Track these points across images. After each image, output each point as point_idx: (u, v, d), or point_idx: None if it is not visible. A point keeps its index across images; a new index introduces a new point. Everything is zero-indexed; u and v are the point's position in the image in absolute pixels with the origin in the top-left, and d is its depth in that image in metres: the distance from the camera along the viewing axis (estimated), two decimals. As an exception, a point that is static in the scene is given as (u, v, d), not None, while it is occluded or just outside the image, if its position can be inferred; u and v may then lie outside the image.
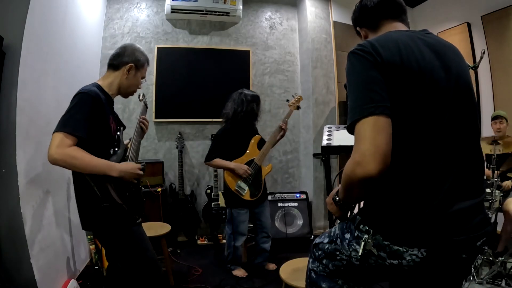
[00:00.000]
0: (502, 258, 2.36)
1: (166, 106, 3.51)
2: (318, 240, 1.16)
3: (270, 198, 3.32)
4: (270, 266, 2.73)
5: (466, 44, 3.61)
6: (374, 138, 0.77)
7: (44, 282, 1.81)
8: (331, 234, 1.10)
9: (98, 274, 2.46)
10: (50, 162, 1.25)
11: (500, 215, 2.70)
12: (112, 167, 1.35)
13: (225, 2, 3.49)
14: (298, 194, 3.57)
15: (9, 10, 1.70)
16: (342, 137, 3.05)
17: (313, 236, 3.39)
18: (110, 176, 1.34)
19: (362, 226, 0.93)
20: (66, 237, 2.28)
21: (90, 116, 1.34)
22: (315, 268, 1.13)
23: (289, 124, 3.88)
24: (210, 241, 3.50)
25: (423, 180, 0.84)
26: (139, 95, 1.80)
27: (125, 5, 3.53)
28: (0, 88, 1.65)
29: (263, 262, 2.72)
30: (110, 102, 1.54)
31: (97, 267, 2.51)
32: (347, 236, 0.99)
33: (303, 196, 3.56)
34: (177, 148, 3.42)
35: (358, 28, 1.14)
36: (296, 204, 3.48)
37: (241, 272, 2.63)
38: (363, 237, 0.89)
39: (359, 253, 0.89)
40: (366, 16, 1.08)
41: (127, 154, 1.51)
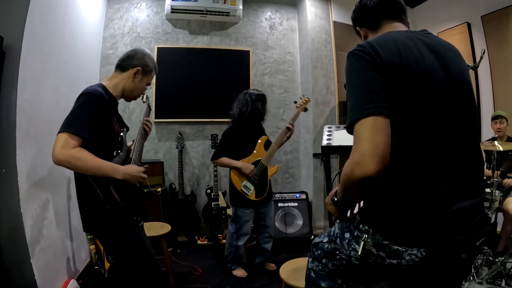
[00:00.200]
0: (502, 258, 2.36)
1: (166, 106, 3.51)
2: (317, 239, 1.16)
3: (270, 198, 3.32)
4: (270, 266, 2.73)
5: (466, 44, 3.61)
6: (373, 138, 0.77)
7: (44, 282, 1.81)
8: (331, 234, 1.10)
9: (98, 274, 2.46)
10: (54, 162, 1.24)
11: (500, 215, 2.70)
12: (116, 170, 1.33)
13: (225, 2, 3.49)
14: (298, 194, 3.57)
15: (9, 10, 1.70)
16: (342, 137, 3.05)
17: (313, 236, 3.39)
18: (113, 178, 1.32)
19: (361, 225, 0.93)
20: (66, 237, 2.29)
21: (95, 116, 1.32)
22: (315, 267, 1.13)
23: (289, 124, 3.91)
24: (210, 241, 3.50)
25: (422, 180, 0.85)
26: (143, 97, 1.79)
27: (125, 5, 3.53)
28: (0, 88, 1.65)
29: (263, 262, 2.72)
30: (114, 104, 1.54)
31: (97, 267, 2.51)
32: (347, 235, 0.99)
33: (303, 196, 3.57)
34: (177, 148, 3.43)
35: (358, 27, 1.14)
36: (296, 204, 3.48)
37: (241, 272, 2.63)
38: (363, 236, 0.90)
39: (359, 252, 0.89)
40: (366, 16, 1.08)
41: (130, 156, 1.50)
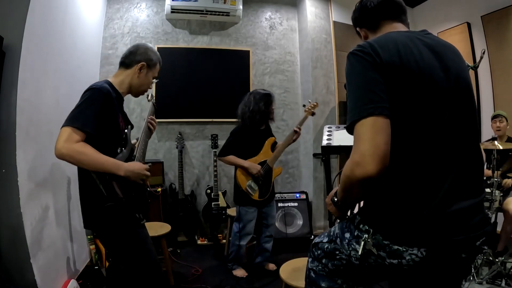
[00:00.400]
0: (502, 258, 2.36)
1: (166, 106, 3.51)
2: (317, 239, 1.16)
3: (270, 198, 3.32)
4: (270, 266, 2.72)
5: (466, 44, 3.61)
6: (373, 138, 0.77)
7: (44, 282, 1.81)
8: (331, 234, 1.10)
9: (98, 274, 2.46)
10: (57, 156, 1.23)
11: (500, 215, 2.70)
12: (119, 166, 1.33)
13: (225, 2, 3.49)
14: (298, 194, 3.57)
15: (9, 10, 1.70)
16: (342, 137, 3.05)
17: (313, 236, 3.39)
18: (116, 175, 1.32)
19: (362, 225, 0.93)
20: (66, 237, 2.28)
21: (100, 112, 1.32)
22: (315, 267, 1.13)
23: (289, 124, 3.92)
24: (210, 241, 3.50)
25: (423, 180, 0.85)
26: (148, 95, 1.78)
27: (125, 5, 3.53)
28: (0, 88, 1.65)
29: (263, 262, 2.72)
30: (120, 100, 1.53)
31: (97, 267, 2.51)
32: (347, 235, 0.99)
33: (303, 196, 3.57)
34: (177, 148, 3.43)
35: (358, 28, 1.14)
36: (296, 204, 3.49)
37: (241, 272, 2.63)
38: (363, 236, 0.89)
39: (359, 252, 0.89)
40: (366, 16, 1.08)
41: (134, 153, 1.49)
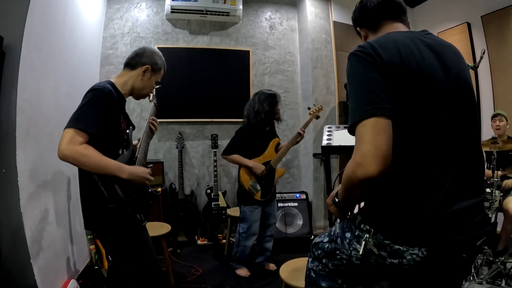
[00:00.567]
0: (502, 258, 2.36)
1: (166, 106, 3.51)
2: (317, 239, 1.16)
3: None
4: (270, 266, 2.72)
5: (466, 44, 3.61)
6: (375, 139, 0.77)
7: (44, 282, 1.81)
8: (331, 234, 1.10)
9: (98, 274, 2.46)
10: (60, 158, 1.22)
11: (500, 215, 2.70)
12: (122, 169, 1.31)
13: (225, 2, 3.49)
14: (298, 194, 3.57)
15: (9, 10, 1.70)
16: (342, 137, 3.05)
17: (313, 236, 3.38)
18: (118, 177, 1.31)
19: (362, 225, 0.93)
20: (66, 237, 2.28)
21: (103, 113, 1.31)
22: (315, 267, 1.13)
23: (289, 124, 3.92)
24: (210, 241, 3.50)
25: (424, 180, 0.85)
26: (149, 96, 1.78)
27: (125, 5, 3.53)
28: (0, 88, 1.65)
29: (264, 262, 2.72)
30: (122, 101, 1.52)
31: (97, 267, 2.51)
32: (348, 235, 0.99)
33: (303, 196, 3.57)
34: (177, 148, 3.43)
35: (358, 28, 1.14)
36: (296, 204, 3.49)
37: (244, 271, 2.63)
38: (364, 236, 0.89)
39: (360, 252, 0.89)
40: (366, 16, 1.08)
41: (136, 155, 1.48)
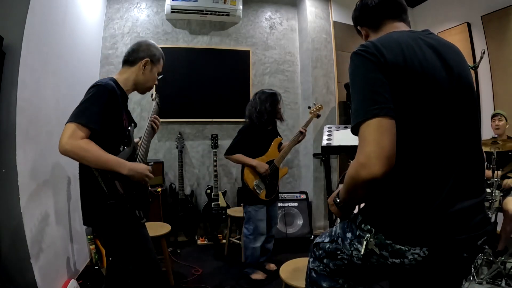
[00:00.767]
0: (502, 258, 2.36)
1: (166, 106, 3.48)
2: (318, 239, 1.16)
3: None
4: (270, 266, 2.72)
5: (466, 44, 3.61)
6: (379, 140, 0.77)
7: (44, 282, 1.81)
8: (332, 234, 1.10)
9: (98, 274, 2.45)
10: (60, 152, 1.23)
11: (500, 215, 2.70)
12: (122, 165, 1.32)
13: (225, 2, 3.49)
14: (298, 194, 3.57)
15: (9, 10, 1.70)
16: (342, 137, 3.05)
17: (313, 236, 3.39)
18: (119, 173, 1.32)
19: (363, 225, 0.93)
20: (66, 237, 2.28)
21: (105, 109, 1.31)
22: (316, 267, 1.13)
23: (289, 124, 3.92)
24: (210, 241, 3.50)
25: (426, 180, 0.85)
26: (152, 94, 1.79)
27: (125, 5, 3.53)
28: (0, 88, 1.65)
29: (264, 262, 2.72)
30: (125, 98, 1.53)
31: (97, 267, 2.50)
32: (349, 235, 0.99)
33: (303, 196, 3.57)
34: (177, 148, 3.43)
35: (358, 27, 1.14)
36: (296, 204, 3.49)
37: (259, 275, 2.54)
38: (365, 236, 0.89)
39: (361, 252, 0.89)
40: (367, 15, 1.08)
41: (137, 152, 1.49)
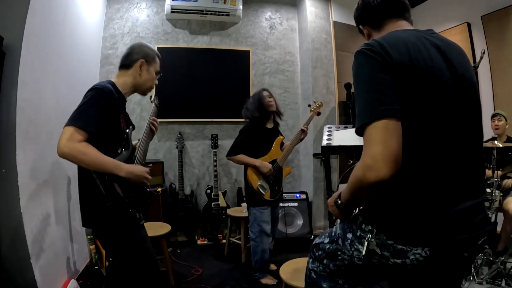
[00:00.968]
0: (502, 258, 2.36)
1: (166, 106, 3.50)
2: (318, 240, 1.16)
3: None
4: (270, 266, 2.71)
5: (466, 44, 3.61)
6: (386, 141, 0.76)
7: (44, 282, 1.81)
8: (332, 234, 1.10)
9: (98, 274, 2.46)
10: (59, 155, 1.24)
11: (500, 215, 2.70)
12: (120, 167, 1.33)
13: (225, 2, 3.49)
14: (298, 194, 3.57)
15: (9, 10, 1.70)
16: (342, 137, 3.04)
17: (313, 236, 3.39)
18: (117, 175, 1.32)
19: (364, 225, 0.92)
20: (66, 237, 2.28)
21: (103, 112, 1.32)
22: (315, 268, 1.13)
23: (289, 124, 3.92)
24: (210, 241, 3.50)
25: (429, 180, 0.84)
26: (151, 97, 1.80)
27: (125, 5, 3.53)
28: (0, 88, 1.65)
29: (264, 262, 2.71)
30: (123, 101, 1.53)
31: (97, 267, 2.51)
32: (349, 236, 0.99)
33: (303, 196, 3.57)
34: (177, 148, 3.43)
35: (361, 26, 1.12)
36: (296, 204, 3.48)
37: (270, 280, 2.49)
38: (367, 236, 0.89)
39: (363, 252, 0.89)
40: (369, 14, 1.07)
41: (135, 154, 1.50)
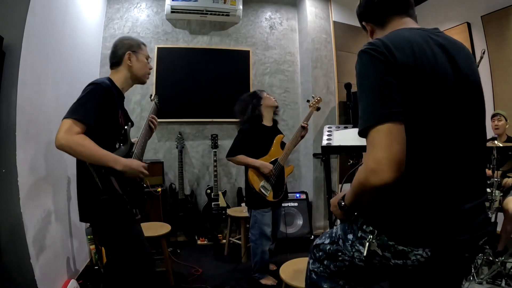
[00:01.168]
0: (502, 258, 2.36)
1: (166, 106, 3.49)
2: (318, 241, 1.16)
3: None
4: (270, 266, 2.71)
5: (466, 44, 3.61)
6: (390, 145, 0.75)
7: (44, 282, 1.81)
8: (333, 235, 1.10)
9: (98, 274, 2.45)
10: (56, 147, 1.25)
11: (500, 215, 2.70)
12: (116, 160, 1.35)
13: (225, 2, 3.49)
14: (298, 194, 3.57)
15: (9, 10, 1.70)
16: (342, 137, 3.03)
17: (313, 236, 3.39)
18: (113, 169, 1.34)
19: (365, 226, 0.92)
20: (66, 237, 2.28)
21: (100, 106, 1.35)
22: (316, 269, 1.13)
23: (289, 124, 3.92)
24: (210, 241, 3.50)
25: (431, 181, 0.84)
26: (151, 95, 1.84)
27: (125, 5, 3.53)
28: (0, 88, 1.65)
29: (264, 262, 2.71)
30: (121, 97, 1.57)
31: (97, 267, 2.51)
32: (350, 236, 0.98)
33: (303, 196, 3.56)
34: (177, 148, 3.42)
35: (364, 22, 1.09)
36: (296, 204, 3.48)
37: (270, 280, 2.48)
38: (368, 237, 0.89)
39: (364, 253, 0.89)
40: (372, 11, 1.04)
41: (133, 150, 1.52)
